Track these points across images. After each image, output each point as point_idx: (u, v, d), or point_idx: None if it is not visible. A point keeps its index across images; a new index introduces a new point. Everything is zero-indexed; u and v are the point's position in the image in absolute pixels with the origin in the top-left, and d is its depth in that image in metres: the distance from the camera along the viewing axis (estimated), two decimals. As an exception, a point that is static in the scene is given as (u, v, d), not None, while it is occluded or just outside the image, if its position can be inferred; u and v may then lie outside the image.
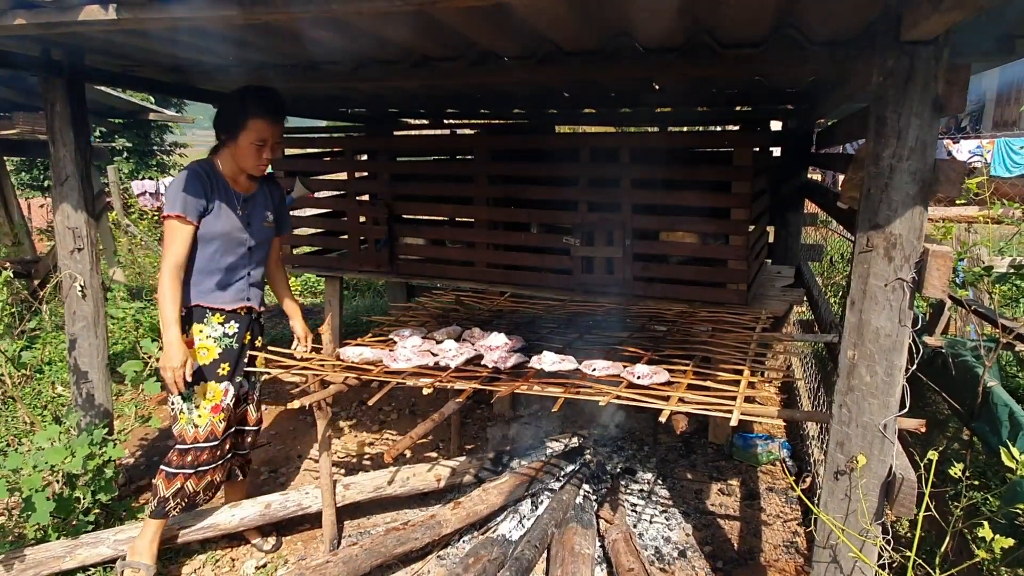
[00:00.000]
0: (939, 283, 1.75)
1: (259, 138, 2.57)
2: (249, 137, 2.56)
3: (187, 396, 2.62)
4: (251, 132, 2.56)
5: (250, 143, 2.57)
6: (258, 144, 2.58)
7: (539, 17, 2.16)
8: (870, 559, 1.93)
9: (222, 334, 2.68)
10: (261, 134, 2.57)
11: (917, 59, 1.69)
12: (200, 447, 2.68)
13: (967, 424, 2.50)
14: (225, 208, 2.62)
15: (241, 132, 2.56)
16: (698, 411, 2.22)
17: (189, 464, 2.67)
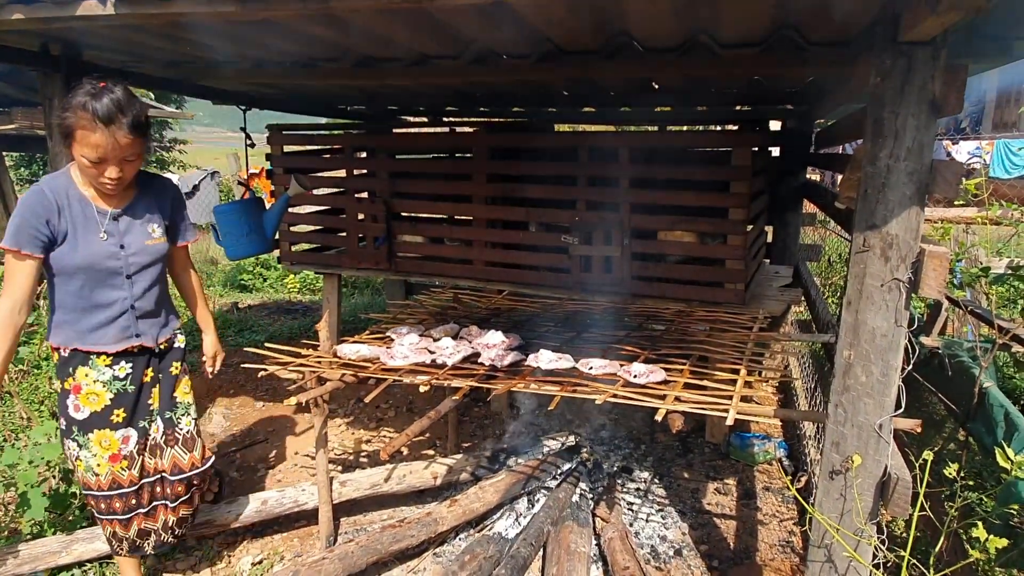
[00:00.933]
0: (935, 283, 1.75)
1: (92, 154, 2.03)
2: (79, 150, 2.04)
3: (82, 443, 2.30)
4: (80, 145, 2.03)
5: (81, 156, 2.05)
6: (91, 160, 2.05)
7: (538, 15, 2.16)
8: (865, 559, 1.94)
9: (111, 377, 2.31)
10: (95, 149, 2.02)
11: (914, 60, 1.70)
12: (107, 495, 2.36)
13: (963, 425, 2.51)
14: (83, 233, 2.17)
15: (71, 141, 2.05)
16: (694, 410, 2.23)
17: (105, 511, 2.38)
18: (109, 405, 2.31)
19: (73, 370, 2.27)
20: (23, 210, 2.10)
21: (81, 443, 2.31)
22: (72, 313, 2.24)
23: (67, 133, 2.04)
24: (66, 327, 2.25)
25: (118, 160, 2.09)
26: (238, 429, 4.29)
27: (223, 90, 4.18)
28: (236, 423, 4.37)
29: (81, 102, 2.01)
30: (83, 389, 2.28)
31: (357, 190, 4.45)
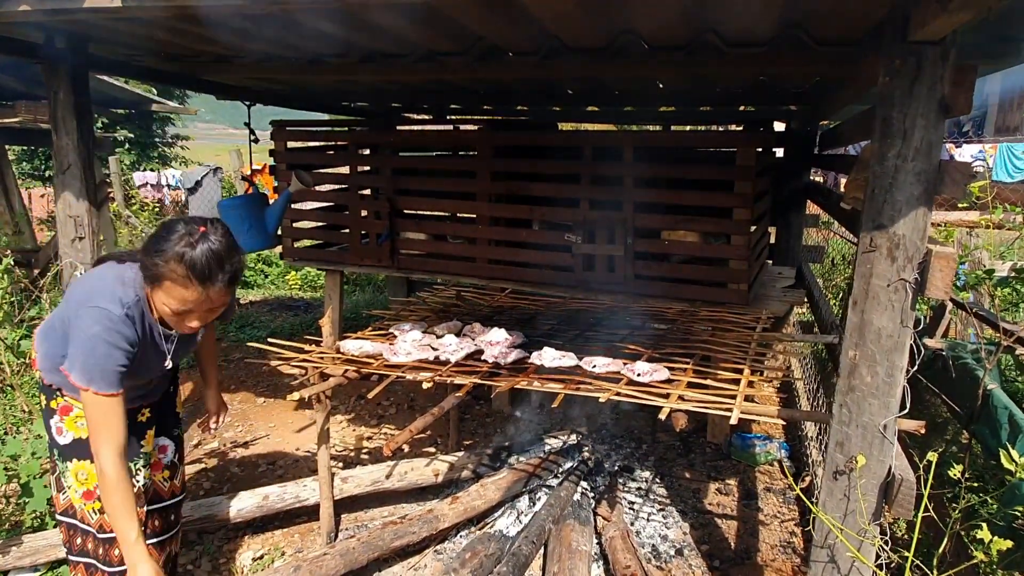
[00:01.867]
0: (942, 284, 1.74)
1: (178, 307, 1.85)
2: (163, 298, 1.85)
3: (60, 468, 2.09)
4: (166, 295, 1.83)
5: (163, 304, 1.86)
6: (174, 311, 1.87)
7: (545, 12, 2.16)
8: (868, 559, 1.93)
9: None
10: (182, 303, 1.85)
11: (924, 59, 1.69)
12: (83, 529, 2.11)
13: (966, 426, 2.50)
14: (150, 356, 2.02)
15: (156, 287, 1.84)
16: (698, 409, 2.23)
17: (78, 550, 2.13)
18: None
19: (59, 395, 2.06)
20: (112, 347, 1.82)
21: (60, 469, 2.08)
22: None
23: (154, 279, 1.82)
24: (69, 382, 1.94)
25: (205, 312, 1.91)
26: (239, 425, 4.28)
27: (227, 85, 4.18)
28: (237, 419, 4.37)
29: (178, 253, 1.78)
30: (74, 410, 2.04)
31: (360, 187, 4.45)
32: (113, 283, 1.89)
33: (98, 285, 1.90)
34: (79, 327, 1.83)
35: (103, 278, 1.92)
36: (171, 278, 1.79)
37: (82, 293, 1.90)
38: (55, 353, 1.99)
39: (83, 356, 1.81)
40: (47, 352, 2.05)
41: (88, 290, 1.90)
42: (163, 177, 12.98)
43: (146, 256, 1.84)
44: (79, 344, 1.82)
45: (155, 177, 12.99)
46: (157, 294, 1.85)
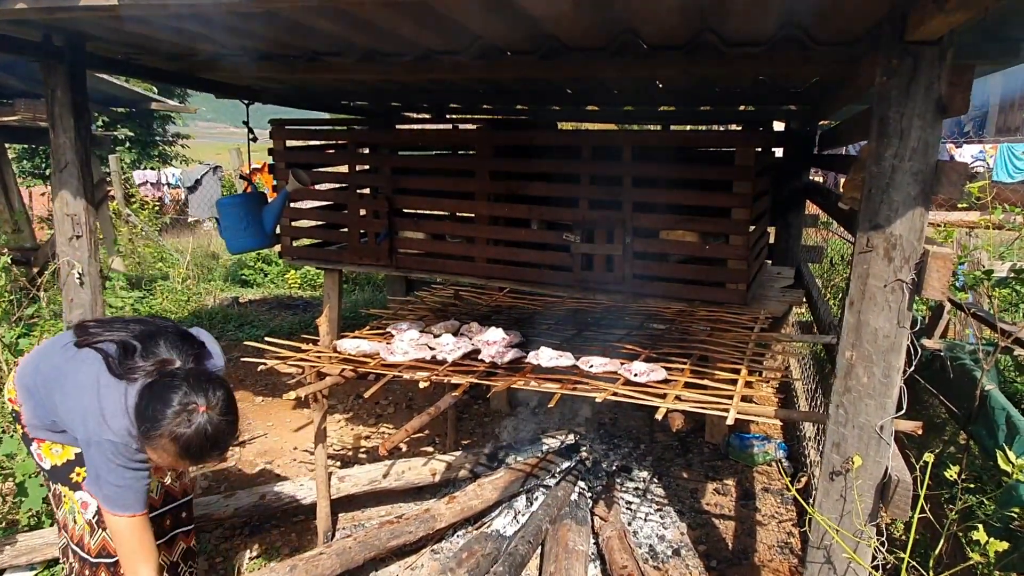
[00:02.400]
0: (939, 285, 1.74)
1: (167, 466, 2.00)
2: (152, 454, 1.82)
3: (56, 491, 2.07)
4: (154, 453, 1.81)
5: (153, 455, 1.82)
6: (165, 467, 2.04)
7: (543, 11, 2.15)
8: (864, 560, 1.93)
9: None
10: (170, 467, 2.03)
11: (921, 59, 1.69)
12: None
13: (964, 427, 2.50)
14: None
15: (148, 445, 1.78)
16: (695, 409, 2.22)
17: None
18: (72, 460, 2.04)
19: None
20: (136, 472, 1.82)
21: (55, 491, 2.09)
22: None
23: (147, 439, 1.77)
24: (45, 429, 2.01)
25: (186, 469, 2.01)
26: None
27: (226, 83, 4.17)
28: (235, 417, 4.36)
29: (172, 433, 1.73)
30: (46, 440, 2.04)
31: (359, 186, 4.45)
32: (112, 410, 1.81)
33: (96, 410, 1.82)
34: (98, 462, 1.80)
35: (102, 400, 1.83)
36: (163, 447, 1.76)
37: (83, 418, 1.83)
38: (43, 415, 1.98)
39: (114, 487, 1.79)
40: (35, 412, 2.01)
41: (89, 417, 1.82)
42: (163, 175, 13.00)
43: (140, 421, 1.77)
44: (105, 477, 1.80)
45: (155, 176, 13.01)
46: (148, 450, 1.80)
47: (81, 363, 1.92)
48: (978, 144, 14.08)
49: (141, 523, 1.83)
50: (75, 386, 1.90)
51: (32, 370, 2.05)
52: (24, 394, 2.05)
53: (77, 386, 1.89)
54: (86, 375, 1.89)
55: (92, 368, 1.89)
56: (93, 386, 1.86)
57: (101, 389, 1.85)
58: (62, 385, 1.94)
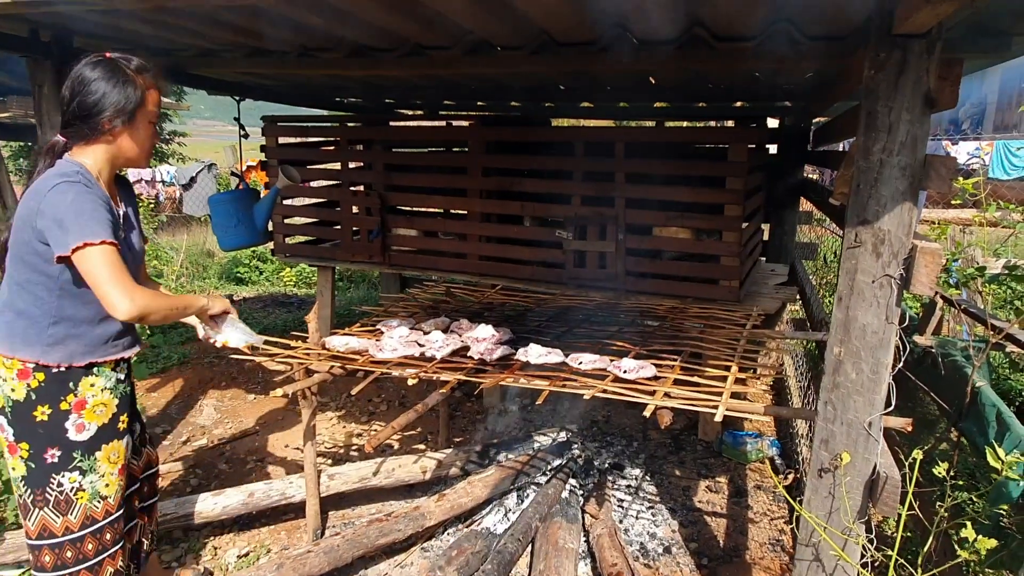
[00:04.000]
0: (927, 280, 1.73)
1: (156, 111, 2.04)
2: (146, 115, 1.98)
3: (87, 467, 2.00)
4: (149, 108, 1.98)
5: (148, 121, 2.00)
6: (154, 120, 2.04)
7: (532, 6, 2.14)
8: (852, 558, 1.92)
9: (116, 381, 2.09)
10: (158, 105, 2.05)
11: (909, 53, 1.67)
12: (105, 525, 2.06)
13: (955, 424, 2.49)
14: (124, 233, 2.05)
15: (139, 109, 1.95)
16: (683, 406, 2.21)
17: (92, 554, 2.04)
18: (116, 412, 2.07)
19: (75, 385, 1.98)
20: (93, 201, 1.83)
21: (87, 468, 2.01)
22: (84, 325, 1.98)
23: (138, 103, 1.93)
24: (72, 342, 1.96)
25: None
26: (229, 421, 4.26)
27: (217, 79, 4.15)
28: (227, 415, 4.35)
29: (139, 65, 1.96)
30: (89, 402, 2.00)
31: (352, 183, 4.43)
32: (53, 173, 1.88)
33: (40, 183, 1.87)
34: (51, 206, 1.81)
35: (48, 172, 1.90)
36: (148, 86, 1.96)
37: (30, 199, 1.87)
38: (39, 325, 1.92)
39: (71, 217, 1.79)
40: (25, 334, 1.93)
41: (34, 192, 1.87)
42: (158, 173, 12.96)
43: (114, 77, 1.90)
44: (61, 214, 1.80)
45: (150, 173, 12.97)
46: (140, 117, 1.96)
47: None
48: (974, 141, 14.07)
49: (112, 251, 1.81)
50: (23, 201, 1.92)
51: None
52: (6, 330, 1.96)
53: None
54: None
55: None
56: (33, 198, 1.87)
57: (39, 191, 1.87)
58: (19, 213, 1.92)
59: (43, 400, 1.94)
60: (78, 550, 2.01)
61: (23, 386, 1.93)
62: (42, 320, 1.93)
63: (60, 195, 1.81)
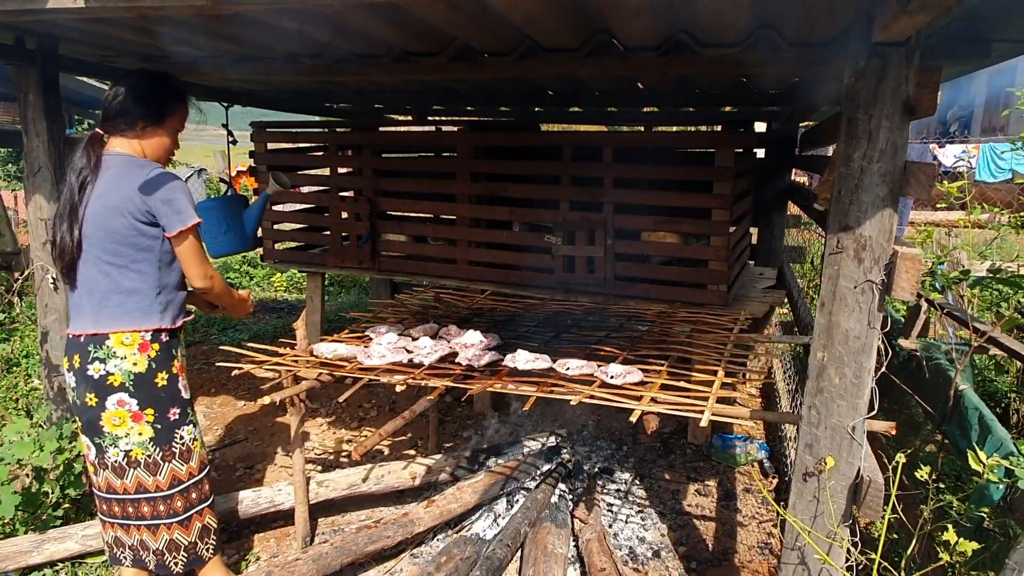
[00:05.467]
0: (908, 285, 1.74)
1: (183, 124, 2.40)
2: (174, 124, 2.35)
3: (195, 420, 2.39)
4: (178, 118, 2.35)
5: (174, 130, 2.36)
6: (179, 131, 2.41)
7: (515, 12, 2.15)
8: (837, 561, 1.93)
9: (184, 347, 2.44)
10: (184, 121, 2.40)
11: (888, 60, 1.69)
12: (210, 467, 2.45)
13: (939, 427, 2.50)
14: None
15: (169, 118, 2.31)
16: (670, 411, 2.22)
17: (209, 492, 2.42)
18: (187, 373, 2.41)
19: (175, 351, 2.31)
20: (185, 187, 2.25)
21: (194, 420, 2.38)
22: (174, 291, 2.31)
23: (171, 113, 2.31)
24: (171, 307, 2.29)
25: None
26: (218, 428, 4.25)
27: (204, 86, 4.14)
28: (216, 422, 4.33)
29: (176, 86, 2.33)
30: (183, 366, 2.36)
31: (341, 188, 4.43)
32: (133, 163, 2.22)
33: (126, 171, 2.19)
34: (157, 188, 2.14)
35: (120, 164, 2.22)
36: (183, 100, 2.36)
37: (121, 185, 2.16)
38: (149, 297, 2.22)
39: (182, 199, 2.17)
40: (141, 308, 2.21)
41: (121, 178, 2.18)
42: (148, 179, 12.88)
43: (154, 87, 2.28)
44: (171, 195, 2.16)
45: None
46: (168, 127, 2.31)
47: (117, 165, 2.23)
48: (961, 144, 14.18)
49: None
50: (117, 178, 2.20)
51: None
52: (128, 295, 2.21)
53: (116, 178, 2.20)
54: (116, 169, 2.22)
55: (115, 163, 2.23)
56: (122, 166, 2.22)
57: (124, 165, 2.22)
58: (113, 190, 2.18)
59: (161, 368, 2.24)
60: (200, 491, 2.37)
61: (144, 358, 2.21)
62: (150, 292, 2.22)
63: (164, 178, 2.17)
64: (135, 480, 2.25)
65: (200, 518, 2.37)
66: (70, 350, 2.22)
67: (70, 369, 2.22)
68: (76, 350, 2.20)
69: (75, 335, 2.21)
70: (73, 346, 2.21)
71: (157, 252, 2.21)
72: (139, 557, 2.32)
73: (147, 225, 2.17)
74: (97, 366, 2.17)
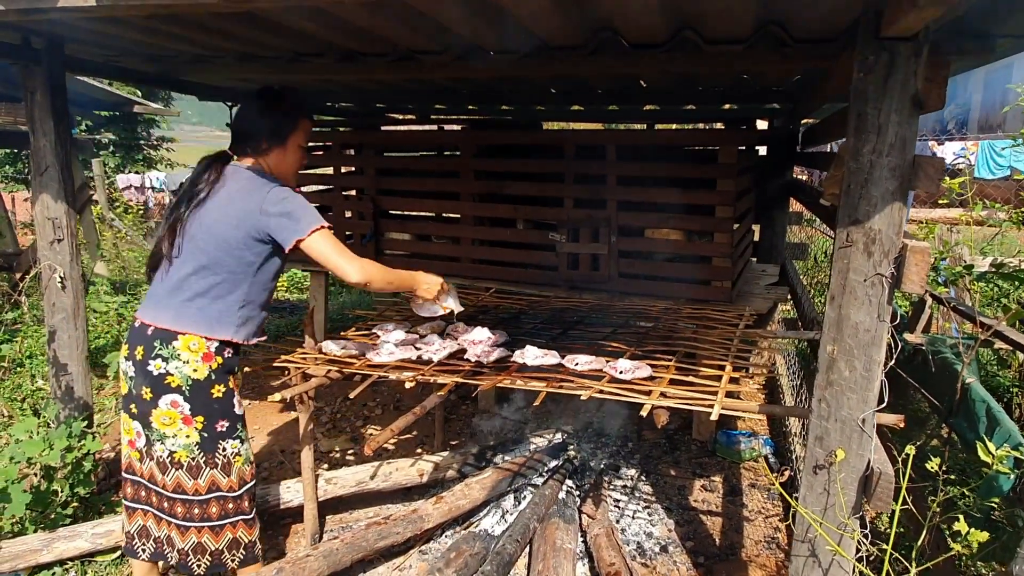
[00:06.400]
0: (917, 278, 1.75)
1: (307, 139, 2.44)
2: (298, 140, 2.39)
3: (244, 437, 2.37)
4: (300, 134, 2.39)
5: (298, 146, 2.40)
6: (305, 146, 2.44)
7: (521, 9, 2.16)
8: (848, 553, 1.94)
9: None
10: (309, 135, 2.46)
11: (897, 55, 1.70)
12: (252, 486, 2.42)
13: (946, 420, 2.52)
14: None
15: (290, 135, 2.35)
16: (679, 405, 2.23)
17: (248, 509, 2.40)
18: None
19: (236, 368, 2.34)
20: (302, 198, 2.27)
21: (243, 437, 2.38)
22: (257, 308, 2.33)
23: (292, 132, 2.35)
24: (251, 323, 2.31)
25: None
26: (224, 427, 4.25)
27: (209, 85, 4.15)
28: (222, 421, 4.34)
29: (295, 103, 2.37)
30: (239, 384, 2.37)
31: (344, 187, 4.44)
32: (258, 180, 2.25)
33: (246, 187, 2.24)
34: (275, 204, 2.17)
35: (245, 179, 2.27)
36: (305, 115, 2.40)
37: (244, 201, 2.20)
38: (232, 307, 2.24)
39: (300, 210, 2.19)
40: (220, 316, 2.22)
41: (244, 194, 2.21)
42: (147, 180, 12.90)
43: (276, 105, 2.33)
44: (288, 208, 2.18)
45: (139, 180, 12.92)
46: (292, 143, 2.36)
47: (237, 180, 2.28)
48: (960, 141, 14.21)
49: (331, 232, 2.23)
50: (230, 192, 2.25)
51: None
52: (204, 305, 2.23)
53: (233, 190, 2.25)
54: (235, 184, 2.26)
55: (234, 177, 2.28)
56: (240, 180, 2.26)
57: (243, 177, 2.27)
58: (228, 201, 2.23)
59: (219, 380, 2.26)
60: (238, 504, 2.36)
61: (205, 367, 2.22)
62: (234, 304, 2.24)
63: (280, 194, 2.20)
64: (175, 480, 2.27)
65: (233, 529, 2.35)
66: (135, 339, 2.23)
67: (129, 358, 2.24)
68: (141, 341, 2.21)
69: (145, 323, 2.22)
70: (139, 336, 2.22)
71: (256, 268, 2.26)
72: (160, 551, 2.33)
73: (258, 242, 2.21)
74: (159, 363, 2.19)
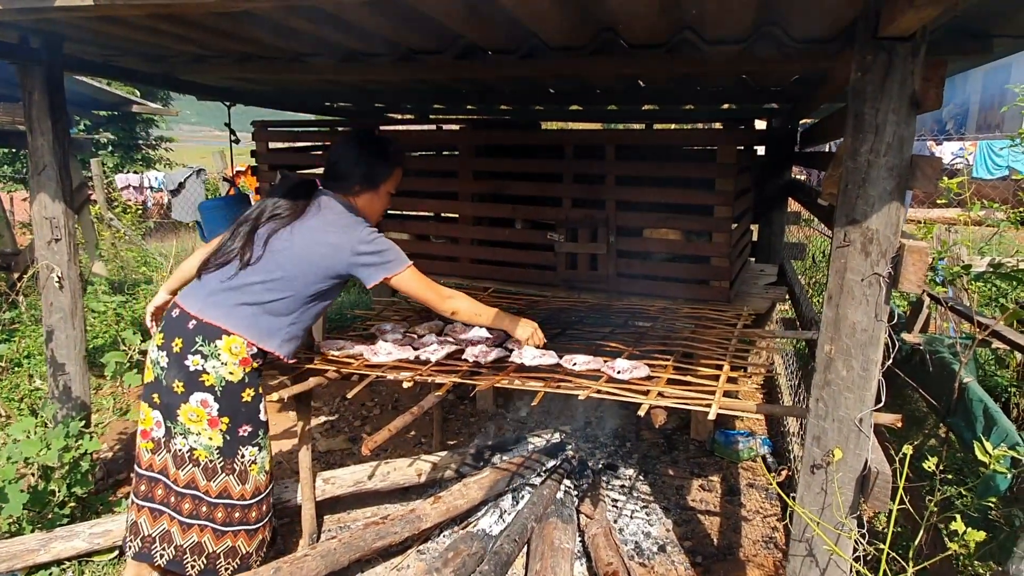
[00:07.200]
0: (915, 278, 1.76)
1: (397, 186, 2.56)
2: (389, 187, 2.51)
3: (263, 444, 2.40)
4: (393, 181, 2.52)
5: (388, 192, 2.52)
6: (394, 192, 2.56)
7: (522, 9, 2.16)
8: (845, 552, 1.94)
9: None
10: (399, 182, 2.56)
11: (895, 55, 1.70)
12: (265, 496, 2.45)
13: (943, 420, 2.53)
14: None
15: (383, 183, 2.48)
16: (677, 405, 2.23)
17: (254, 520, 2.40)
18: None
19: (261, 378, 2.40)
20: (389, 240, 2.36)
21: (263, 444, 2.40)
22: (303, 330, 2.40)
23: (385, 180, 2.48)
24: (295, 341, 2.39)
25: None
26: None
27: (207, 85, 4.15)
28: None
29: (393, 153, 2.50)
30: (265, 393, 2.41)
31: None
32: (353, 218, 2.35)
33: (340, 223, 2.33)
34: (367, 244, 2.28)
35: (338, 212, 2.36)
36: (398, 162, 2.52)
37: (336, 235, 2.29)
38: (282, 322, 2.30)
39: (391, 251, 2.31)
40: (270, 328, 2.28)
41: (340, 229, 2.30)
42: (145, 179, 12.89)
43: (374, 152, 2.45)
44: (378, 247, 2.29)
45: (138, 179, 12.90)
46: (384, 188, 2.48)
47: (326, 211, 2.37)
48: (958, 141, 14.23)
49: (416, 269, 2.37)
50: (319, 222, 2.33)
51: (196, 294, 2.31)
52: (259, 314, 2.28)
53: (322, 222, 2.33)
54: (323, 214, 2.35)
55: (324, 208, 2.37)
56: (329, 212, 2.36)
57: (331, 210, 2.36)
58: (314, 231, 2.32)
59: (251, 384, 2.31)
60: (245, 514, 2.36)
61: (241, 370, 2.26)
62: (285, 319, 2.31)
63: (371, 235, 2.31)
64: (190, 475, 2.27)
65: (234, 538, 2.35)
66: (174, 329, 2.22)
67: (164, 348, 2.23)
68: (181, 333, 2.21)
69: (189, 313, 2.23)
70: (179, 327, 2.22)
71: (318, 297, 2.35)
72: (147, 550, 2.30)
73: (334, 277, 2.32)
74: (197, 359, 2.20)
